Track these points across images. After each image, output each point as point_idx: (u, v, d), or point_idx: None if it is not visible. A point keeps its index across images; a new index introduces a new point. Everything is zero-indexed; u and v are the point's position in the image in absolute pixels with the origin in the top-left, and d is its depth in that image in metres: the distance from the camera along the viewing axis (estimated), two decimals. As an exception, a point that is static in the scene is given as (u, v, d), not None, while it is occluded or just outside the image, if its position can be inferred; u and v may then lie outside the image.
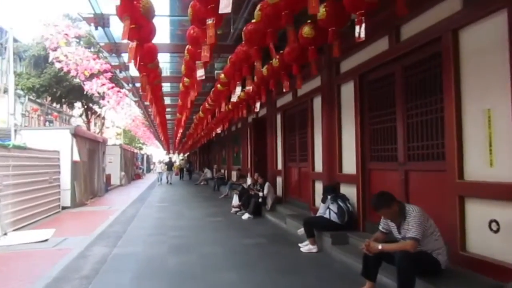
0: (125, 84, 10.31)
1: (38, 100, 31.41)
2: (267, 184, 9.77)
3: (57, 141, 13.06)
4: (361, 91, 5.97)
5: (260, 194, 9.70)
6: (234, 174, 18.36)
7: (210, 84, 10.50)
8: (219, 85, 7.46)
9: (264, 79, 6.29)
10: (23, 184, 9.40)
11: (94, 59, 9.45)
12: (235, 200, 10.71)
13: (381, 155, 5.58)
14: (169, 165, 26.60)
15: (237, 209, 10.48)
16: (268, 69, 6.37)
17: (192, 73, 5.77)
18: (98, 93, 12.56)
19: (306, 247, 6.01)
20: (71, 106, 26.71)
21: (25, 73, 22.24)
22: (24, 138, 13.15)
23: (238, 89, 6.06)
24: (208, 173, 24.82)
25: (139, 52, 4.27)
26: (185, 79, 7.07)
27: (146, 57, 4.89)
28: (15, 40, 25.05)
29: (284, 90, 6.10)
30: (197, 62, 4.85)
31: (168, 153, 45.80)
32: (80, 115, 28.00)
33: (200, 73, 4.83)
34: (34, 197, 10.10)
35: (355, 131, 6.06)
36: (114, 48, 7.69)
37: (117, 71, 9.67)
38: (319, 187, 7.70)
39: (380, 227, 4.00)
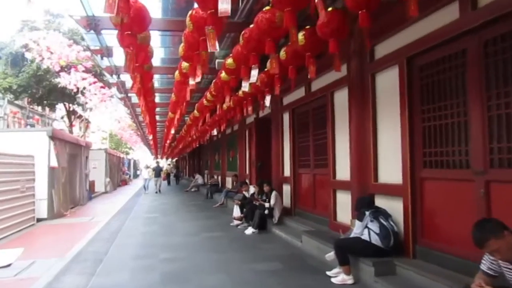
0: (108, 76, 8.95)
1: (18, 103, 29.61)
2: (274, 193, 8.44)
3: (33, 145, 11.58)
4: (409, 79, 4.70)
5: (266, 204, 8.37)
6: (229, 180, 16.98)
7: (207, 79, 9.19)
8: (223, 74, 6.13)
9: (282, 64, 4.99)
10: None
11: (69, 46, 8.00)
12: (236, 212, 9.35)
13: (440, 160, 4.30)
14: (157, 171, 23.39)
15: (238, 222, 9.13)
16: (287, 52, 5.09)
17: (194, 53, 4.44)
18: (78, 88, 11.10)
19: (338, 277, 4.70)
20: (53, 108, 24.99)
21: (1, 72, 20.59)
22: (-6, 141, 11.64)
23: (254, 73, 4.74)
24: (199, 179, 23.40)
25: (126, 9, 2.94)
26: (183, 64, 5.73)
27: (135, 21, 3.56)
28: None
29: (310, 76, 4.80)
30: (207, 29, 3.51)
31: (156, 158, 44.14)
32: (62, 117, 26.29)
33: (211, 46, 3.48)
34: (1, 209, 8.61)
35: (400, 130, 4.78)
36: (93, 23, 6.07)
37: (98, 58, 8.19)
38: (343, 198, 6.41)
39: (484, 267, 2.72)
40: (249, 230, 8.20)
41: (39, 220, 11.27)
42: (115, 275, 5.50)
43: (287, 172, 9.10)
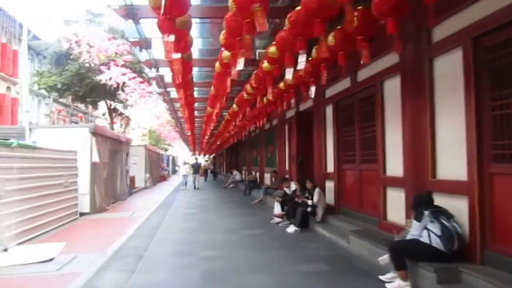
0: (147, 69, 8.92)
1: (63, 101, 30.68)
2: (317, 190, 8.04)
3: (75, 141, 11.77)
4: (476, 63, 4.18)
5: (309, 202, 7.98)
6: (267, 176, 16.70)
7: (247, 72, 8.89)
8: (265, 64, 5.81)
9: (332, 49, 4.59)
10: (32, 189, 8.05)
11: (109, 40, 7.92)
12: (277, 209, 9.03)
13: (515, 154, 3.77)
14: (196, 167, 22.88)
15: (279, 219, 8.81)
16: (336, 36, 4.69)
17: (236, 39, 4.13)
18: (118, 84, 11.14)
19: (394, 283, 4.27)
20: (95, 106, 25.63)
21: (47, 71, 21.28)
22: (39, 137, 11.94)
23: (302, 59, 4.36)
24: (237, 175, 23.32)
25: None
26: (224, 54, 5.45)
27: (174, 4, 3.30)
28: (36, 38, 24.28)
29: (362, 62, 4.38)
30: (254, 7, 3.19)
31: (194, 154, 44.61)
32: (103, 114, 26.95)
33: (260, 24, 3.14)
34: (46, 203, 8.75)
35: (465, 121, 4.27)
36: (131, 12, 5.72)
37: (137, 51, 8.05)
38: (394, 196, 5.92)
39: None
40: (291, 228, 7.86)
41: (81, 214, 11.45)
42: (155, 273, 5.33)
43: (330, 168, 8.67)
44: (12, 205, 7.27)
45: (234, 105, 9.90)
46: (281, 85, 7.31)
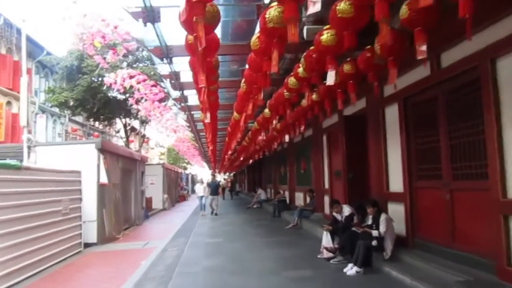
0: (167, 85, 7.64)
1: (79, 120, 29.58)
2: (384, 217, 6.02)
3: (80, 159, 10.13)
4: None
5: (374, 232, 5.96)
6: (299, 196, 14.71)
7: (288, 60, 7.09)
8: (324, 37, 3.97)
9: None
10: (16, 220, 6.31)
11: (103, 21, 6.20)
12: (326, 240, 7.01)
13: None
14: (213, 187, 17.58)
15: (330, 254, 6.79)
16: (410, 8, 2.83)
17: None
18: (124, 89, 9.51)
19: None
20: (110, 123, 24.30)
21: (58, 87, 20.06)
22: (40, 156, 10.35)
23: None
24: (262, 194, 21.37)
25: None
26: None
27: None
28: (48, 54, 23.20)
29: (467, 31, 2.62)
30: None
31: (214, 172, 42.90)
32: (117, 132, 25.56)
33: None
34: (37, 237, 7.03)
35: None
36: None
37: (158, 62, 6.70)
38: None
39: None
40: (351, 270, 5.83)
41: (88, 245, 9.73)
42: None
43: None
44: (-11, 242, 5.54)
45: (266, 111, 8.06)
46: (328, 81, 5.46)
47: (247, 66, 5.03)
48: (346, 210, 7.11)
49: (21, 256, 6.43)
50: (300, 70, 5.00)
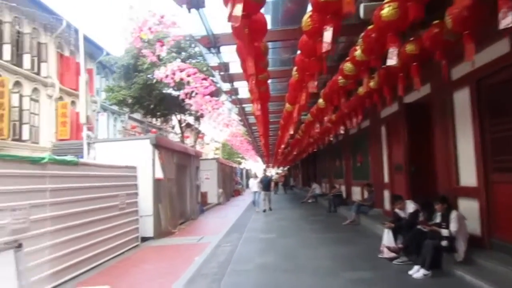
0: (219, 81, 7.50)
1: (137, 117, 30.69)
2: (455, 214, 5.40)
3: (136, 154, 10.32)
4: None
5: (444, 232, 5.37)
6: (356, 190, 14.08)
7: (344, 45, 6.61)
8: (385, 12, 3.50)
9: None
10: (71, 216, 6.44)
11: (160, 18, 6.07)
12: (388, 238, 6.49)
13: None
14: (265, 182, 16.90)
15: (392, 254, 6.27)
16: None
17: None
18: (175, 82, 9.48)
19: None
20: (166, 120, 24.92)
21: (116, 86, 20.83)
22: (99, 152, 10.68)
23: None
24: (316, 188, 20.85)
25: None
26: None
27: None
28: (107, 54, 24.17)
29: None
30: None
31: (268, 166, 42.72)
32: (172, 127, 26.16)
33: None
34: (93, 232, 7.14)
35: None
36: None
37: (208, 54, 6.52)
38: None
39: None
40: (418, 272, 5.29)
41: (145, 239, 9.89)
42: None
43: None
44: (44, 237, 5.68)
45: (320, 101, 7.61)
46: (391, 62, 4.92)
47: (298, 52, 4.65)
48: (410, 206, 6.52)
49: (79, 250, 6.57)
50: (358, 53, 4.55)
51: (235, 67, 6.79)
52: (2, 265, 4.70)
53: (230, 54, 6.35)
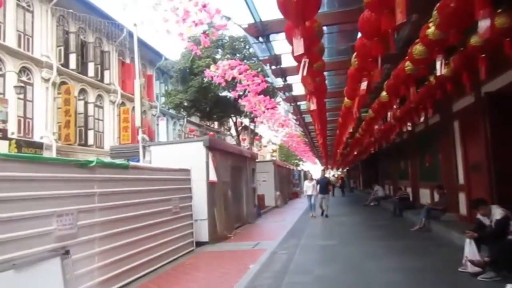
0: (272, 78, 7.01)
1: (196, 121, 31.18)
2: (558, 224, 4.44)
3: (190, 157, 10.11)
4: None
5: (544, 245, 4.42)
6: (425, 193, 12.90)
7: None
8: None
9: None
10: (122, 221, 6.25)
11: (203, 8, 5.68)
12: (470, 250, 5.56)
13: None
14: (322, 184, 15.47)
15: (477, 269, 5.35)
16: None
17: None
18: (226, 82, 9.11)
19: None
20: (222, 122, 24.99)
21: (173, 90, 21.18)
22: (154, 156, 10.65)
23: None
24: (379, 191, 19.68)
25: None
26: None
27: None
28: (166, 60, 24.71)
29: None
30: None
31: (326, 168, 41.51)
32: (229, 130, 26.14)
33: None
34: (145, 237, 6.92)
35: None
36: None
37: (258, 46, 6.06)
38: None
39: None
40: (513, 292, 4.39)
41: (200, 244, 9.63)
42: None
43: None
44: (93, 243, 5.50)
45: (383, 94, 6.83)
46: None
47: (359, 35, 4.02)
48: (497, 212, 5.53)
49: (131, 257, 6.37)
50: (430, 30, 3.80)
51: (288, 60, 6.23)
52: (48, 273, 4.55)
53: (281, 46, 5.83)
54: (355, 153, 21.10)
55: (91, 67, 20.20)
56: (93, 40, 20.56)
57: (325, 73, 6.05)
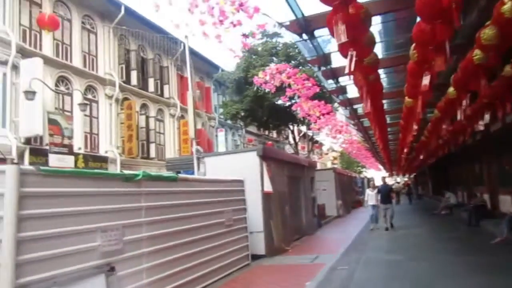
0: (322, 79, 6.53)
1: (252, 130, 31.18)
2: None
3: (243, 167, 9.85)
4: None
5: None
6: (506, 200, 11.52)
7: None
8: None
9: None
10: (171, 235, 6.07)
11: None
12: None
13: None
14: (384, 192, 13.83)
15: None
16: None
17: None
18: (276, 88, 8.73)
19: None
20: (279, 131, 24.67)
21: (229, 100, 21.28)
22: (208, 167, 10.54)
23: None
24: (451, 198, 18.12)
25: None
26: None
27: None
28: (222, 71, 24.97)
29: None
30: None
31: (391, 174, 39.53)
32: (286, 138, 25.71)
33: None
34: (196, 252, 6.70)
35: None
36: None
37: (304, 46, 5.65)
38: None
39: None
40: None
41: (257, 257, 9.27)
42: None
43: None
44: (140, 259, 5.35)
45: (450, 89, 6.04)
46: None
47: (418, 19, 3.45)
48: None
49: (181, 273, 6.16)
50: (506, 7, 3.14)
51: (338, 60, 5.71)
52: (93, 291, 4.44)
53: (330, 45, 5.34)
54: (422, 157, 19.65)
55: (151, 82, 20.90)
56: (153, 57, 21.28)
57: (381, 71, 5.45)
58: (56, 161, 12.66)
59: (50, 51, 15.01)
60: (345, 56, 3.16)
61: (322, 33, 4.78)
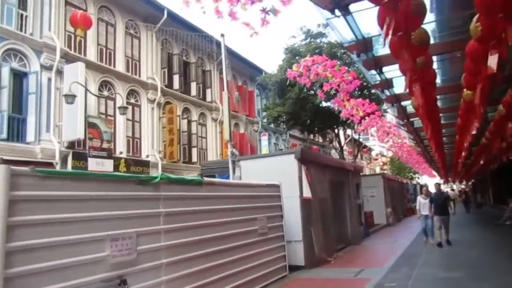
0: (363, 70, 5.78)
1: (297, 135, 30.41)
2: None
3: (280, 171, 9.21)
4: None
5: None
6: None
7: None
8: None
9: None
10: (194, 244, 5.54)
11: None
12: None
13: None
14: (440, 202, 11.67)
15: None
16: None
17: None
18: (312, 83, 8.01)
19: None
20: (323, 134, 23.71)
21: (271, 103, 20.71)
22: (244, 170, 9.99)
23: None
24: (517, 207, 16.36)
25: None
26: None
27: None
28: (264, 72, 24.49)
29: None
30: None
31: (447, 181, 37.01)
32: (330, 142, 24.67)
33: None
34: (224, 262, 6.13)
35: None
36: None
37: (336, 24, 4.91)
38: None
39: None
40: None
41: (295, 268, 8.56)
42: None
43: None
44: (160, 271, 4.85)
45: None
46: None
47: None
48: None
49: (208, 285, 5.61)
50: None
51: (382, 47, 4.90)
52: (100, 307, 3.98)
53: (371, 24, 4.56)
54: (482, 162, 17.90)
55: (193, 86, 20.81)
56: (195, 60, 21.21)
57: (435, 58, 4.60)
58: (95, 165, 12.68)
59: (94, 56, 15.24)
60: (382, 25, 2.47)
61: (359, 7, 4.02)
